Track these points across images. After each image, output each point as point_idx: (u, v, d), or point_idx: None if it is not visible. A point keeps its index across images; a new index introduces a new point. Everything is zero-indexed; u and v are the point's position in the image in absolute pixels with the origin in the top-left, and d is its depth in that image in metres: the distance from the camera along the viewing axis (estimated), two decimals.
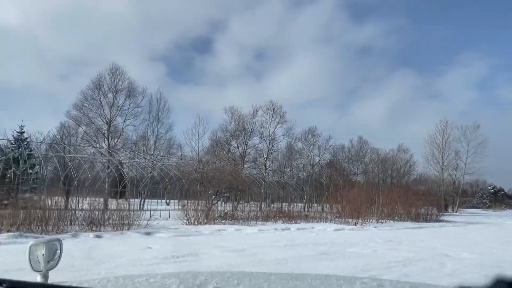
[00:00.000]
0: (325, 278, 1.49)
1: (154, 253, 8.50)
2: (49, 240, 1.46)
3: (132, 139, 34.29)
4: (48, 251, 1.42)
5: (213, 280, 1.34)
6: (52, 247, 1.45)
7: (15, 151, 25.45)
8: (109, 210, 13.63)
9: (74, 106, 30.95)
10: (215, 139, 41.11)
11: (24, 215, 12.09)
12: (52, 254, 1.44)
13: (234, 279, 1.40)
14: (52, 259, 1.44)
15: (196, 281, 1.34)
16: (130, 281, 1.35)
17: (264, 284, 1.32)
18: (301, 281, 1.42)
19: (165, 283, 1.32)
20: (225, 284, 1.31)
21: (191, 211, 16.78)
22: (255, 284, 1.33)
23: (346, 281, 1.43)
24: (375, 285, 1.35)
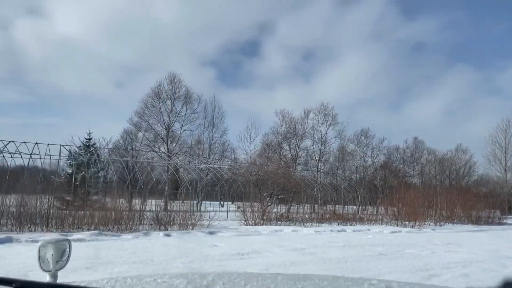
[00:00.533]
0: (333, 279, 1.50)
1: (221, 250, 9.20)
2: (58, 240, 1.47)
3: (188, 143, 35.83)
4: (57, 251, 1.43)
5: (221, 281, 1.35)
6: (61, 247, 1.46)
7: (84, 156, 27.60)
8: (174, 211, 14.59)
9: (136, 113, 33.07)
10: (266, 142, 41.86)
11: (100, 215, 13.35)
12: (61, 254, 1.45)
13: (242, 279, 1.40)
14: (61, 259, 1.45)
15: (203, 281, 1.36)
16: (138, 281, 1.36)
17: (271, 285, 1.33)
18: (309, 282, 1.42)
19: (172, 283, 1.34)
20: (232, 285, 1.32)
21: (248, 213, 17.48)
22: (262, 285, 1.33)
23: (354, 282, 1.44)
24: (383, 287, 1.34)
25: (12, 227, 11.69)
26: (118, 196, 18.53)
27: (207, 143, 36.31)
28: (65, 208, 15.99)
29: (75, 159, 27.80)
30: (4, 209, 12.33)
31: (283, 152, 40.64)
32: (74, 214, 13.17)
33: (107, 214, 13.24)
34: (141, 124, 33.14)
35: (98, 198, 21.41)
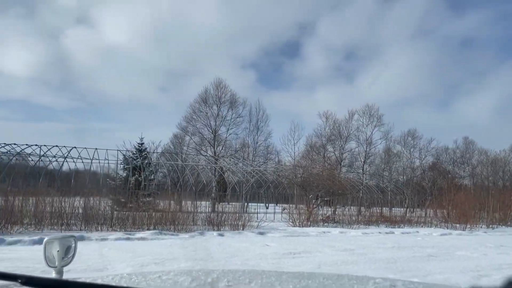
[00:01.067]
0: (337, 278, 1.49)
1: (273, 249, 9.72)
2: (63, 237, 1.47)
3: (234, 146, 36.77)
4: (63, 248, 1.43)
5: (225, 278, 1.35)
6: (67, 243, 1.46)
7: (137, 160, 29.12)
8: (226, 213, 15.30)
9: (184, 118, 34.48)
10: (310, 144, 42.02)
11: (158, 216, 14.30)
12: (67, 251, 1.46)
13: (246, 277, 1.39)
14: (67, 256, 1.45)
15: (208, 278, 1.36)
16: (143, 278, 1.37)
17: (275, 283, 1.32)
18: (313, 280, 1.42)
19: (177, 280, 1.34)
20: (237, 282, 1.31)
21: (295, 214, 17.92)
22: (267, 283, 1.33)
23: (359, 280, 1.44)
24: (388, 285, 1.35)
25: (81, 226, 12.83)
26: (171, 198, 19.56)
27: (252, 146, 37.10)
28: (120, 210, 17.11)
29: (129, 163, 29.36)
30: (73, 211, 13.56)
31: (327, 154, 40.65)
32: (134, 215, 14.18)
33: (165, 215, 14.15)
34: (189, 129, 34.49)
35: (151, 200, 22.58)
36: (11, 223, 11.38)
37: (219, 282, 1.30)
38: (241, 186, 29.42)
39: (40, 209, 12.60)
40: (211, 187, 30.97)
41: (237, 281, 1.32)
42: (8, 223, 11.25)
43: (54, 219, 12.81)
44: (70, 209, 13.47)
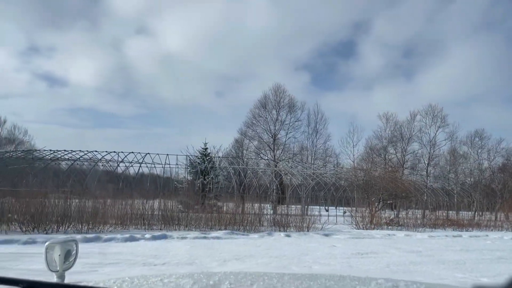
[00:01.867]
0: (340, 279, 1.48)
1: (340, 250, 10.22)
2: (65, 241, 1.48)
3: (293, 150, 37.39)
4: (64, 252, 1.44)
5: (227, 281, 1.35)
6: (68, 247, 1.47)
7: (202, 165, 30.67)
8: (291, 215, 15.97)
9: (244, 123, 35.68)
10: (370, 146, 41.53)
11: (229, 217, 15.29)
12: (68, 255, 1.47)
13: (248, 279, 1.40)
14: (68, 260, 1.46)
15: (210, 281, 1.36)
16: (145, 281, 1.36)
17: (277, 284, 1.32)
18: (315, 282, 1.41)
19: (179, 283, 1.34)
20: (239, 284, 1.31)
21: (358, 217, 18.17)
22: (269, 284, 1.33)
23: (361, 281, 1.43)
24: (390, 286, 1.35)
25: (161, 226, 14.11)
26: (238, 200, 20.55)
27: (311, 150, 37.51)
28: (188, 211, 18.33)
29: (194, 167, 30.98)
30: (152, 212, 14.93)
31: (388, 156, 39.98)
32: (207, 216, 15.27)
33: (234, 217, 15.10)
34: (249, 133, 35.66)
35: (215, 202, 23.78)
36: (103, 223, 12.85)
37: (221, 285, 1.30)
38: (301, 189, 29.93)
39: (125, 211, 14.04)
40: (271, 189, 31.79)
41: (239, 283, 1.32)
42: (101, 223, 12.73)
43: (136, 220, 14.23)
44: (150, 210, 14.87)
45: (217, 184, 29.81)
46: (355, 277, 1.54)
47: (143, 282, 1.36)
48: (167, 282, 1.37)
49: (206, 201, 24.38)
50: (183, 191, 27.04)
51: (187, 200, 23.82)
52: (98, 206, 13.15)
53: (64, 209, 12.52)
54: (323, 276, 1.52)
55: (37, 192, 13.65)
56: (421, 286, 1.41)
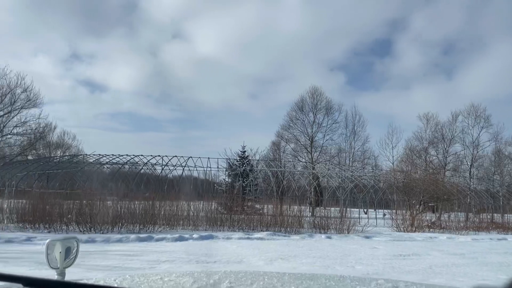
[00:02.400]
0: (340, 279, 1.48)
1: (382, 251, 10.44)
2: (66, 238, 1.49)
3: (330, 152, 37.41)
4: (65, 249, 1.45)
5: (227, 280, 1.36)
6: (69, 245, 1.48)
7: (241, 168, 31.35)
8: (331, 218, 16.23)
9: (282, 126, 36.11)
10: (410, 148, 40.77)
11: (269, 219, 15.76)
12: (69, 252, 1.47)
13: (248, 278, 1.40)
14: (69, 257, 1.47)
15: (210, 280, 1.36)
16: (145, 279, 1.37)
17: (277, 284, 1.33)
18: (315, 281, 1.41)
19: (179, 281, 1.35)
20: (239, 284, 1.32)
21: (399, 220, 18.15)
22: (269, 284, 1.33)
23: (361, 282, 1.43)
24: (390, 286, 1.35)
25: (206, 227, 14.79)
26: (276, 203, 20.98)
27: (349, 152, 37.39)
28: (227, 213, 18.93)
29: (234, 170, 31.72)
30: (197, 214, 15.65)
31: (429, 157, 39.13)
32: (248, 218, 15.82)
33: (275, 218, 15.57)
34: (287, 136, 36.04)
35: (254, 204, 24.31)
36: (153, 224, 13.66)
37: (221, 284, 1.30)
38: (340, 191, 29.97)
39: (172, 213, 14.81)
40: (309, 192, 32.01)
41: (239, 283, 1.33)
42: (152, 224, 13.55)
43: (182, 221, 14.98)
44: (195, 212, 15.61)
45: (256, 186, 30.39)
46: (355, 277, 1.53)
47: (143, 280, 1.37)
48: (167, 281, 1.37)
49: (245, 203, 24.98)
50: (223, 193, 27.76)
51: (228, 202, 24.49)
52: (147, 208, 13.97)
53: (117, 210, 13.43)
54: (323, 276, 1.52)
55: (92, 194, 14.67)
56: (421, 286, 1.41)
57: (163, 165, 22.47)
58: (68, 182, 23.61)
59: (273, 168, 31.53)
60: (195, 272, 1.52)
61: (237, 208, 23.51)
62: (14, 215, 13.78)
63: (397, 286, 1.35)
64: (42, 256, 5.15)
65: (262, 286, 1.29)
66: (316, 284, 1.38)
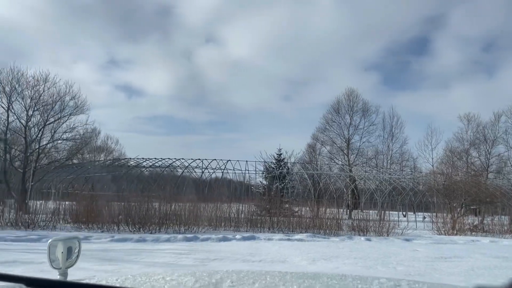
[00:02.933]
0: (341, 278, 1.48)
1: (423, 254, 10.54)
2: (68, 238, 1.49)
3: (367, 154, 37.14)
4: (67, 249, 1.44)
5: (229, 279, 1.36)
6: (71, 245, 1.48)
7: (278, 170, 31.77)
8: (370, 220, 16.34)
9: (318, 129, 36.26)
10: (450, 149, 39.77)
11: (307, 221, 16.07)
12: (71, 252, 1.47)
13: (250, 278, 1.40)
14: (71, 257, 1.46)
15: (212, 279, 1.36)
16: (147, 279, 1.37)
17: (279, 283, 1.33)
18: (317, 280, 1.42)
19: (181, 281, 1.34)
20: (241, 283, 1.32)
21: (440, 223, 17.97)
22: (271, 283, 1.33)
23: (363, 280, 1.43)
24: (392, 285, 1.35)
25: (247, 228, 15.30)
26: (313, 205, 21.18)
27: (387, 154, 36.99)
28: (265, 215, 19.32)
29: (269, 172, 32.18)
30: (238, 215, 16.19)
31: (470, 159, 38.03)
32: (287, 220, 16.20)
33: (314, 221, 15.87)
34: (323, 139, 36.14)
35: (290, 206, 24.62)
36: (197, 224, 14.31)
37: (222, 283, 1.30)
38: (378, 194, 29.75)
39: (214, 214, 15.43)
40: (346, 194, 31.96)
41: (241, 282, 1.33)
42: (195, 225, 14.20)
43: (225, 222, 15.57)
44: (236, 213, 16.17)
45: (293, 189, 30.69)
46: (357, 276, 1.52)
47: (145, 280, 1.37)
48: (169, 280, 1.36)
49: (282, 206, 25.31)
50: (260, 196, 28.21)
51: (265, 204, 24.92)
52: (191, 210, 14.64)
53: (163, 212, 14.18)
54: (325, 275, 1.52)
55: (140, 196, 15.53)
56: (423, 285, 1.40)
57: (203, 168, 23.25)
58: (114, 185, 24.84)
59: (310, 171, 31.72)
60: (197, 271, 1.52)
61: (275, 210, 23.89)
62: (67, 216, 14.83)
63: (399, 285, 1.35)
64: (103, 253, 6.00)
65: (264, 285, 1.30)
66: (318, 282, 1.39)
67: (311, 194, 28.91)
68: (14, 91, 22.57)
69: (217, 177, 23.74)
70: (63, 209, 15.17)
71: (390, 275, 7.22)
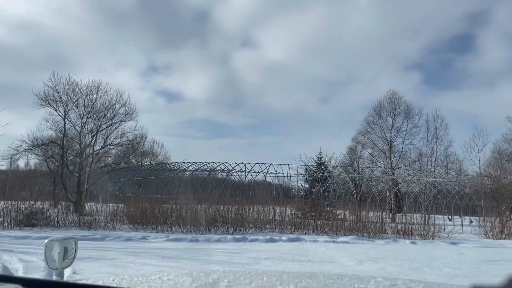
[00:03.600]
0: (338, 277, 1.48)
1: (469, 257, 10.60)
2: (64, 238, 1.51)
3: (411, 157, 36.58)
4: (64, 250, 1.46)
5: (226, 279, 1.35)
6: (67, 245, 1.50)
7: (317, 173, 32.00)
8: (415, 224, 16.37)
9: (359, 131, 36.16)
10: (498, 151, 38.35)
11: (351, 224, 16.34)
12: (67, 253, 1.48)
13: (247, 277, 1.40)
14: (67, 257, 1.48)
15: (209, 279, 1.36)
16: (144, 279, 1.38)
17: (276, 283, 1.32)
18: (314, 280, 1.42)
19: (178, 281, 1.35)
20: (238, 283, 1.32)
21: (487, 227, 17.66)
22: (268, 283, 1.33)
23: (360, 280, 1.43)
24: (389, 284, 1.35)
25: (292, 230, 15.80)
26: (355, 208, 21.35)
27: (431, 156, 36.28)
28: (306, 218, 19.61)
29: (310, 176, 32.47)
30: (283, 218, 16.71)
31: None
32: (331, 222, 16.54)
33: (358, 224, 16.13)
34: (364, 141, 36.00)
35: (332, 209, 24.80)
36: (244, 226, 14.96)
37: (219, 283, 1.30)
38: (422, 197, 29.30)
39: (260, 216, 16.04)
40: (389, 197, 31.66)
41: (238, 282, 1.33)
42: (244, 227, 14.87)
43: (270, 223, 16.15)
44: (281, 215, 16.72)
45: (334, 191, 30.80)
46: (354, 276, 1.52)
47: (142, 280, 1.37)
48: (166, 280, 1.37)
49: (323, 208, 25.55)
50: (301, 199, 28.57)
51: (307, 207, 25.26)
52: (238, 212, 15.32)
53: (213, 214, 14.95)
54: (322, 274, 1.52)
55: (187, 199, 16.41)
56: (419, 284, 1.40)
57: (246, 172, 23.96)
58: (161, 188, 26.08)
59: (352, 174, 31.71)
60: (193, 271, 1.53)
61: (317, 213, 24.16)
62: (124, 217, 15.93)
63: (395, 284, 1.35)
64: (163, 251, 6.89)
65: (261, 285, 1.30)
66: (315, 282, 1.39)
67: (353, 197, 28.92)
68: (70, 100, 24.24)
69: (259, 180, 24.38)
70: (120, 211, 16.29)
71: (436, 276, 7.51)
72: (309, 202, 25.79)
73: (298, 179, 29.20)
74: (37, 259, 7.72)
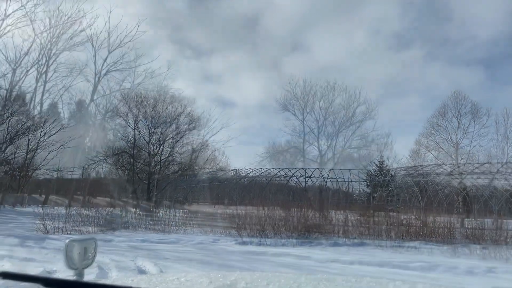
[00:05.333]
0: (356, 281, 1.47)
1: None
2: (85, 239, 1.54)
3: (478, 159, 34.83)
4: (84, 250, 1.48)
5: (243, 281, 1.35)
6: (88, 245, 1.52)
7: (379, 177, 31.48)
8: (486, 229, 15.75)
9: (422, 134, 35.13)
10: None
11: (416, 229, 16.08)
12: (88, 253, 1.51)
13: (264, 279, 1.39)
14: (87, 258, 1.50)
15: (226, 281, 1.36)
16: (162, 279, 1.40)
17: (294, 285, 1.32)
18: (332, 283, 1.41)
19: (196, 282, 1.37)
20: (255, 285, 1.31)
21: None
22: (285, 285, 1.32)
23: (378, 283, 1.41)
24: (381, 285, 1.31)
25: (355, 234, 15.88)
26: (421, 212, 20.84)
27: (502, 158, 34.29)
28: (368, 222, 19.34)
29: (372, 180, 32.01)
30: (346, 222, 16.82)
31: None
32: (396, 227, 16.39)
33: (424, 229, 15.84)
34: (428, 144, 34.87)
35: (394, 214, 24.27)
36: (308, 231, 15.32)
37: (237, 284, 1.30)
38: (493, 201, 27.80)
39: (324, 220, 16.31)
40: (457, 202, 30.34)
41: (255, 284, 1.32)
42: (307, 231, 15.24)
43: (333, 228, 16.35)
44: (343, 220, 16.86)
45: (398, 196, 30.12)
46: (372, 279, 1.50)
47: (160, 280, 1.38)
48: (183, 281, 1.38)
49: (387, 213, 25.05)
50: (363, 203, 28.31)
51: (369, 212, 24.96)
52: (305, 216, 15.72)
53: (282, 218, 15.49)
54: (340, 278, 1.53)
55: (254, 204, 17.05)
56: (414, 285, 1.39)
57: (307, 177, 24.27)
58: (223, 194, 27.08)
59: (416, 178, 30.85)
60: (211, 273, 1.52)
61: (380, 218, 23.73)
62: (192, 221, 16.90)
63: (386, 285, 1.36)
64: (230, 255, 7.50)
65: (278, 287, 1.30)
66: (333, 285, 1.39)
67: (418, 201, 28.10)
68: (139, 112, 26.01)
69: (325, 185, 24.54)
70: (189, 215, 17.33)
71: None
72: (371, 207, 25.56)
73: (359, 184, 28.97)
74: (126, 259, 8.64)
